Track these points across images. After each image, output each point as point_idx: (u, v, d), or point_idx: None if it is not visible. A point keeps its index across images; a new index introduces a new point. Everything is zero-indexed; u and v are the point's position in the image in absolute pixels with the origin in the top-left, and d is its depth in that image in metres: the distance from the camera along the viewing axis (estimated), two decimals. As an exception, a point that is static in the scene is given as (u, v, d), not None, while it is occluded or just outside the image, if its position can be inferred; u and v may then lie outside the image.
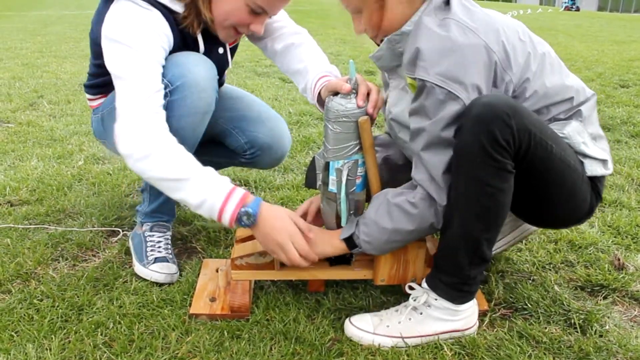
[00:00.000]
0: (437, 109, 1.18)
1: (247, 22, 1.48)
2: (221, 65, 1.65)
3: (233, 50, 1.73)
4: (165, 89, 1.43)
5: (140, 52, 1.36)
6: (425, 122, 1.21)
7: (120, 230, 1.91)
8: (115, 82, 1.38)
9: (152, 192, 1.69)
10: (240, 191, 1.32)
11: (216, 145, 1.83)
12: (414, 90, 1.26)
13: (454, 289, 1.31)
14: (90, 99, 1.75)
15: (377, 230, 1.29)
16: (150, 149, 1.31)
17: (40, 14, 12.80)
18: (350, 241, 1.34)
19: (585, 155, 1.29)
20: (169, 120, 1.45)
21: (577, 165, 1.28)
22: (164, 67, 1.44)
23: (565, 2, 25.99)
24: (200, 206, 1.30)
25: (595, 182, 1.34)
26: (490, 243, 1.28)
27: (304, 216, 1.55)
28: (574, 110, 1.32)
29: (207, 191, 1.29)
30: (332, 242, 1.37)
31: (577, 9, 24.69)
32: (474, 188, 1.19)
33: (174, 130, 1.42)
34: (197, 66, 1.47)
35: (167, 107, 1.42)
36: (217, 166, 1.39)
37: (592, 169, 1.30)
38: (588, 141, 1.30)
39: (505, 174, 1.18)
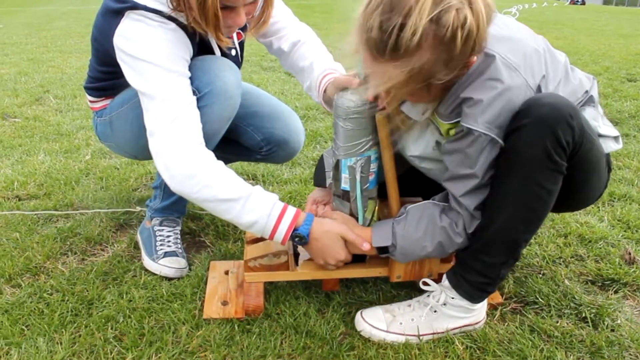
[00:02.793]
0: (479, 155, 1.16)
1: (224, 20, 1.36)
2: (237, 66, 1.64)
3: (241, 48, 1.71)
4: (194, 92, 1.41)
5: (168, 69, 1.33)
6: (467, 169, 1.18)
7: (138, 208, 1.91)
8: (145, 100, 1.34)
9: (166, 189, 1.69)
10: (292, 211, 1.31)
11: (229, 142, 1.81)
12: (447, 134, 1.23)
13: (478, 289, 1.30)
14: (92, 101, 1.72)
15: (418, 248, 1.28)
16: (195, 169, 1.29)
17: (45, 9, 12.81)
18: (381, 247, 1.32)
19: (600, 135, 1.29)
20: None
21: (602, 148, 1.27)
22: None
23: (570, -4, 25.83)
24: (251, 227, 1.30)
25: (608, 157, 1.34)
26: (526, 243, 1.27)
27: None
28: (587, 97, 1.31)
29: (258, 213, 1.28)
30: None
31: (583, 3, 24.54)
32: (527, 189, 1.16)
33: None
34: (224, 72, 1.45)
35: None
36: (227, 161, 1.38)
37: (607, 146, 1.30)
38: (601, 123, 1.30)
39: (558, 176, 1.16)
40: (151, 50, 1.33)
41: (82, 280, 1.56)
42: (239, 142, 1.82)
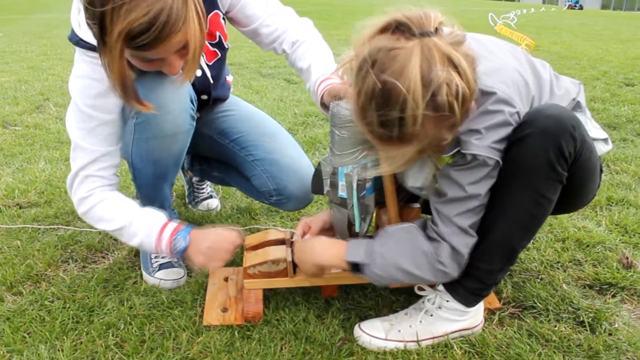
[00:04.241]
0: (482, 178, 1.16)
1: (151, 69, 1.30)
2: (204, 87, 1.65)
3: (219, 64, 1.68)
4: (131, 110, 1.43)
5: (89, 116, 1.36)
6: (464, 192, 1.17)
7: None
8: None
9: (142, 202, 1.67)
10: (172, 226, 1.42)
11: (243, 177, 1.81)
12: (443, 163, 1.23)
13: (473, 294, 1.31)
14: None
15: (394, 269, 1.24)
16: (88, 207, 1.42)
17: (45, 17, 12.83)
18: (355, 264, 1.28)
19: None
20: (138, 142, 1.48)
21: (596, 152, 1.28)
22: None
23: (568, 1, 25.91)
24: (142, 247, 1.45)
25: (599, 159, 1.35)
26: (523, 249, 1.28)
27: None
28: (574, 104, 1.32)
29: (140, 236, 1.41)
30: (329, 258, 1.34)
31: (581, 8, 24.62)
32: (528, 198, 1.17)
33: (145, 152, 1.47)
34: (161, 87, 1.42)
35: (135, 129, 1.46)
36: (230, 186, 1.39)
37: (598, 149, 1.31)
38: (590, 127, 1.31)
39: (559, 186, 1.17)
40: (77, 92, 1.36)
41: (83, 288, 1.57)
42: (252, 182, 1.78)
